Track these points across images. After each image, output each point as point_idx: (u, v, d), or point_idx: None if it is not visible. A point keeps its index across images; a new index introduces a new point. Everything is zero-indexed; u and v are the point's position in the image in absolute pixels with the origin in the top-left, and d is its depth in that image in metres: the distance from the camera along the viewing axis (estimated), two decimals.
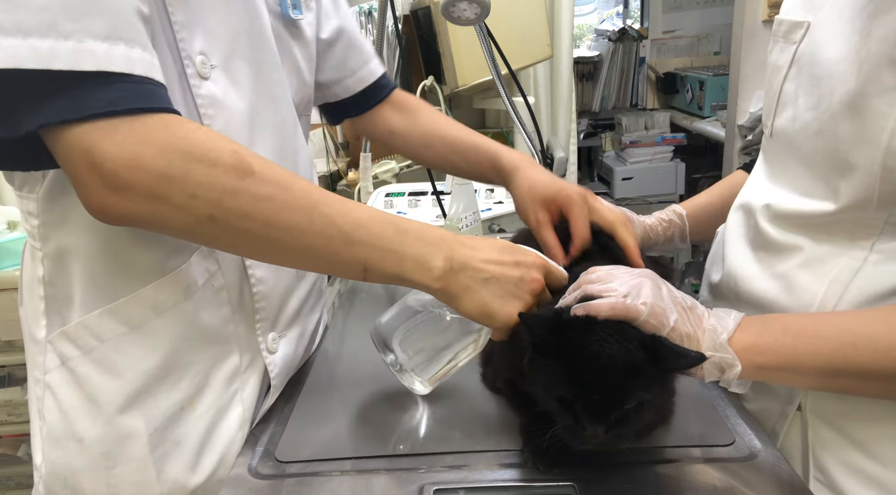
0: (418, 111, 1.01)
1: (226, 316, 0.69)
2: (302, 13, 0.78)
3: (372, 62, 0.97)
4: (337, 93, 0.95)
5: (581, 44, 3.83)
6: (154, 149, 0.52)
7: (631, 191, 3.19)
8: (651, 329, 0.57)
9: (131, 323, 0.64)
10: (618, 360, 0.54)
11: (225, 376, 0.70)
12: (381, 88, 0.99)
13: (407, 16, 1.97)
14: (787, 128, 0.67)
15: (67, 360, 0.64)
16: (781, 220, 0.69)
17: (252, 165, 0.55)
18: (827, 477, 0.64)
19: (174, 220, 0.54)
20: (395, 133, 1.00)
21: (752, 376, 0.59)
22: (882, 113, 0.55)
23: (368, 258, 0.59)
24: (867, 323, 0.57)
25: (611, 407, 0.54)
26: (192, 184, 0.53)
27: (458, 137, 0.97)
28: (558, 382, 0.55)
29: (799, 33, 0.65)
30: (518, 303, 0.62)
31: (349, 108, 0.99)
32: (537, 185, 0.82)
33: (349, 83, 0.95)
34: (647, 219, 0.96)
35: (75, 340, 0.64)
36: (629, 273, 0.62)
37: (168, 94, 0.55)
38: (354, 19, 0.98)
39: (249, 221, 0.55)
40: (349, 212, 0.59)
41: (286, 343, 0.78)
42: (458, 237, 0.64)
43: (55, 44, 0.48)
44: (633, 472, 0.61)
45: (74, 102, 0.49)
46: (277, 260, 0.63)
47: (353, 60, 0.94)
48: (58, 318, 0.65)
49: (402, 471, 0.63)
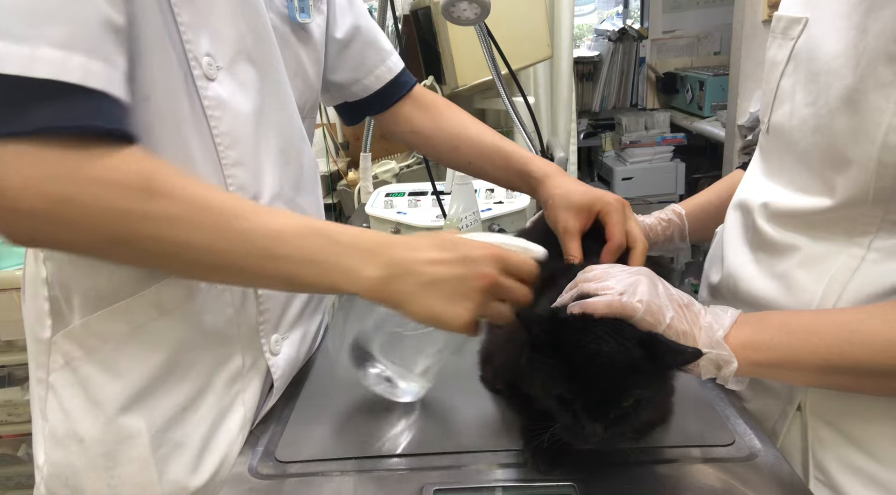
0: (442, 110, 0.99)
1: (229, 317, 0.69)
2: (310, 17, 0.77)
3: (390, 59, 0.95)
4: (356, 92, 0.94)
5: (581, 44, 3.83)
6: (60, 174, 0.50)
7: (631, 191, 3.19)
8: (647, 326, 0.57)
9: (134, 323, 0.64)
10: (616, 358, 0.54)
11: (227, 378, 0.70)
12: (402, 85, 0.96)
13: (407, 16, 1.97)
14: (784, 123, 0.67)
15: (71, 361, 0.64)
16: (779, 219, 0.69)
17: (164, 186, 0.53)
18: (827, 477, 0.64)
19: (76, 242, 0.53)
20: (419, 133, 0.98)
21: (749, 373, 0.59)
22: (878, 108, 0.55)
23: (290, 271, 0.57)
24: (864, 320, 0.57)
25: (610, 405, 0.54)
26: (99, 209, 0.51)
27: (486, 142, 0.95)
28: (557, 381, 0.56)
29: (797, 29, 0.65)
30: (466, 302, 0.58)
31: (369, 107, 0.97)
32: (573, 194, 0.81)
33: (367, 82, 0.93)
34: (647, 219, 0.96)
35: (79, 341, 0.64)
36: (626, 271, 0.62)
37: (125, 110, 0.53)
38: (369, 14, 0.95)
39: (161, 243, 0.54)
40: (269, 224, 0.57)
41: (289, 345, 0.77)
42: (397, 239, 0.61)
43: (8, 47, 0.46)
44: (634, 472, 0.61)
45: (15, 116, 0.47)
46: (197, 277, 0.63)
47: (370, 59, 0.92)
48: (62, 319, 0.65)
49: (402, 471, 0.63)
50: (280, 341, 0.75)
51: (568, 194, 0.81)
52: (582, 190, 0.81)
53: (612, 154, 3.40)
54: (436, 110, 0.99)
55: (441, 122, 0.98)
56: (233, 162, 0.66)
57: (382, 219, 1.45)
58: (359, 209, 1.68)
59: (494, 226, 1.41)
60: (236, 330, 0.70)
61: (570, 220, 0.79)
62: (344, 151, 2.34)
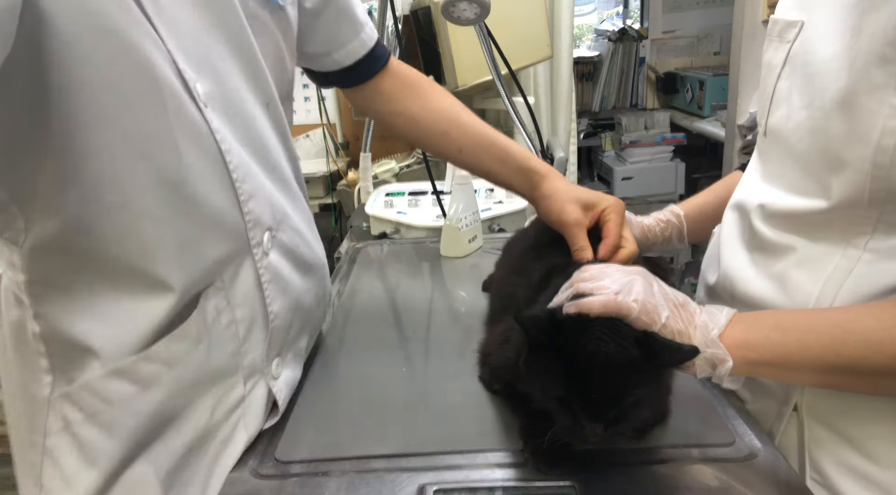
0: (428, 90, 0.91)
1: (233, 351, 0.66)
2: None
3: (364, 31, 0.87)
4: (325, 64, 0.87)
5: (581, 44, 3.83)
6: None
7: (631, 191, 3.19)
8: (643, 325, 0.57)
9: (143, 382, 0.59)
10: (614, 358, 0.54)
11: (228, 408, 0.67)
12: (376, 60, 0.89)
13: (407, 16, 1.97)
14: (780, 126, 0.67)
15: (70, 424, 0.59)
16: (775, 220, 0.69)
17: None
18: (823, 477, 0.64)
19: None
20: (402, 113, 0.90)
21: (744, 372, 0.59)
22: (872, 110, 0.55)
23: None
24: (858, 319, 0.57)
25: (609, 405, 0.54)
26: None
27: (482, 132, 0.89)
28: (555, 382, 0.56)
29: (793, 32, 0.66)
30: None
31: (340, 81, 0.90)
32: (578, 190, 0.81)
33: (338, 57, 0.86)
34: (645, 220, 0.96)
35: (79, 403, 0.58)
36: (621, 271, 0.62)
37: None
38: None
39: None
40: None
41: (289, 365, 0.76)
42: None
43: None
44: (633, 472, 0.61)
45: None
46: None
47: (343, 31, 0.85)
48: (63, 377, 0.59)
49: (402, 471, 0.63)
50: (280, 364, 0.73)
51: (573, 189, 0.82)
52: (582, 189, 0.82)
53: (611, 154, 3.40)
54: (420, 89, 0.91)
55: (428, 102, 0.90)
56: (248, 196, 0.63)
57: (382, 219, 1.45)
58: (359, 209, 1.68)
59: (494, 225, 1.41)
60: (240, 360, 0.67)
61: (578, 213, 0.78)
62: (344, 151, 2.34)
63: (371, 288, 1.15)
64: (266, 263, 0.67)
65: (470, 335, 0.89)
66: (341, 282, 1.17)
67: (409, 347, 0.91)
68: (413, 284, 1.17)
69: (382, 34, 1.68)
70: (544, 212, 0.83)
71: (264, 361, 0.70)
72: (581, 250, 0.76)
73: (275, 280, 0.69)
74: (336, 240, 2.06)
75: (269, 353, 0.70)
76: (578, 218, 0.78)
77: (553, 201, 0.81)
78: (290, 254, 0.73)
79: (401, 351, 0.90)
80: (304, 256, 0.76)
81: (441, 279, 1.19)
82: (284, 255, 0.71)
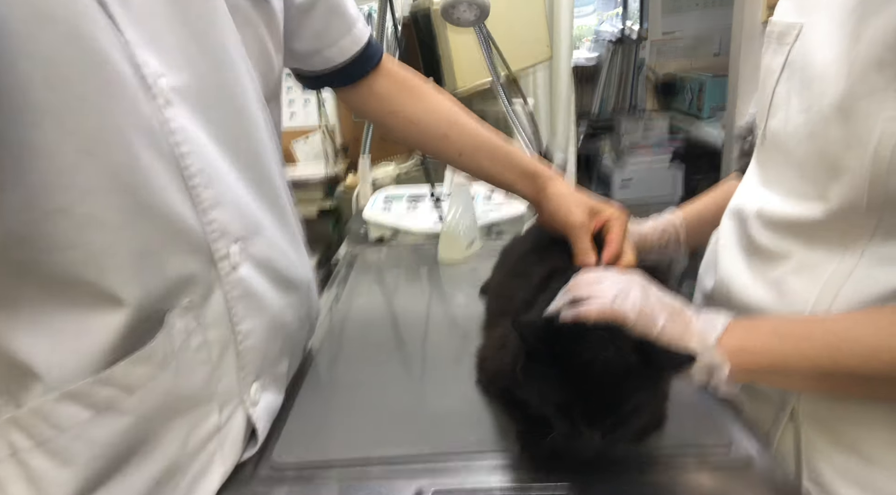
0: (426, 91, 0.89)
1: (205, 376, 0.60)
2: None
3: (356, 27, 0.84)
4: (315, 63, 0.84)
5: (580, 46, 3.83)
6: None
7: (630, 195, 3.19)
8: (639, 332, 0.57)
9: (99, 407, 0.52)
10: (611, 365, 0.54)
11: (202, 438, 0.61)
12: (369, 58, 0.86)
13: (406, 18, 1.98)
14: (779, 131, 0.67)
15: (18, 452, 0.52)
16: (773, 226, 0.69)
17: None
18: (820, 482, 0.64)
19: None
20: (399, 113, 0.88)
21: (741, 378, 0.59)
22: (870, 115, 0.55)
23: None
24: (855, 325, 0.57)
25: (606, 412, 0.54)
26: None
27: (484, 135, 0.87)
28: (553, 389, 0.56)
29: (791, 36, 0.66)
30: None
31: (331, 80, 0.87)
32: (582, 196, 0.81)
33: (329, 54, 0.83)
34: (643, 226, 0.96)
35: (27, 428, 0.51)
36: (618, 277, 0.62)
37: None
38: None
39: None
40: None
41: (269, 390, 0.70)
42: None
43: None
44: (631, 477, 0.61)
45: None
46: None
47: (334, 28, 0.82)
48: (10, 399, 0.53)
49: (400, 474, 0.63)
50: (259, 390, 0.67)
51: (579, 194, 0.82)
52: (585, 195, 0.82)
53: (611, 157, 3.40)
54: (419, 90, 0.89)
55: (426, 103, 0.88)
56: (212, 203, 0.58)
57: (381, 224, 1.45)
58: (357, 213, 1.68)
59: (492, 230, 1.41)
60: (213, 386, 0.61)
61: (584, 216, 0.78)
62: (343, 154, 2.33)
63: (369, 292, 1.15)
64: (235, 278, 0.62)
65: (468, 339, 0.89)
66: (339, 287, 1.17)
67: (407, 351, 0.91)
68: (411, 289, 1.16)
69: (382, 37, 1.68)
70: (550, 214, 0.83)
71: (240, 386, 0.64)
72: (585, 253, 0.76)
73: (245, 296, 0.63)
74: (334, 245, 2.07)
75: (245, 377, 0.65)
76: (584, 221, 0.78)
77: (560, 203, 0.81)
78: (266, 267, 0.67)
79: (398, 354, 0.90)
80: (283, 270, 0.71)
81: (439, 283, 1.19)
82: (258, 269, 0.65)
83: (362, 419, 0.73)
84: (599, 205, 0.81)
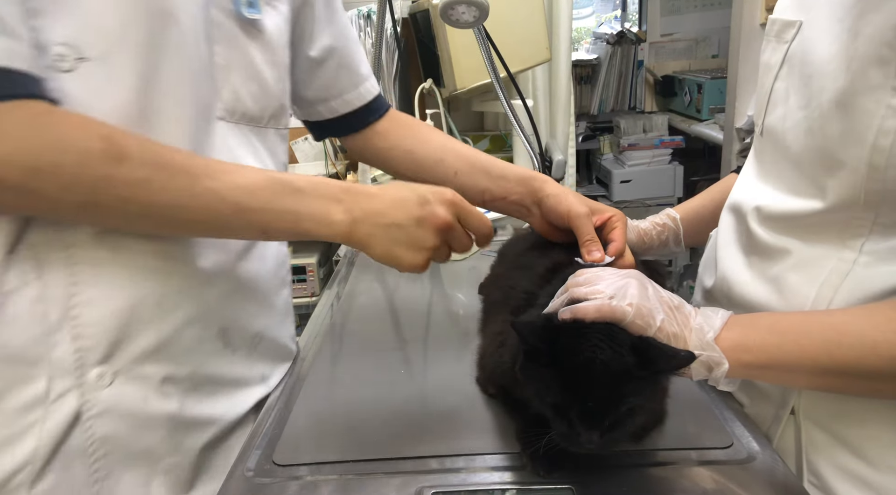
0: (422, 128, 0.96)
1: (36, 335, 0.58)
2: (259, 12, 0.70)
3: (363, 85, 0.91)
4: (321, 112, 0.91)
5: (579, 47, 3.83)
6: (20, 143, 0.50)
7: (629, 194, 3.19)
8: (638, 329, 0.57)
9: None
10: (610, 366, 0.54)
11: (21, 403, 0.59)
12: (373, 112, 0.93)
13: (405, 19, 1.98)
14: (777, 127, 0.67)
15: None
16: (772, 222, 0.69)
17: (126, 149, 0.54)
18: (820, 481, 0.64)
19: (51, 210, 0.55)
20: (397, 147, 0.93)
21: (740, 374, 0.59)
22: (869, 111, 0.55)
23: (263, 221, 0.61)
24: (853, 321, 0.57)
25: (605, 413, 0.54)
26: (65, 176, 0.52)
27: (478, 155, 0.92)
28: (551, 389, 0.56)
29: (791, 32, 0.66)
30: (421, 247, 0.63)
31: (334, 130, 0.94)
32: (580, 195, 0.82)
33: (335, 104, 0.90)
34: (642, 224, 0.96)
35: None
36: (616, 274, 0.62)
37: (38, 81, 0.53)
38: (353, 31, 0.91)
39: (129, 204, 0.56)
40: (237, 180, 0.60)
41: (133, 384, 0.64)
42: (361, 187, 0.65)
43: None
44: (632, 475, 0.62)
45: None
46: (167, 233, 0.63)
47: (342, 82, 0.89)
48: None
49: (400, 474, 0.63)
50: (108, 376, 0.62)
51: (576, 193, 0.83)
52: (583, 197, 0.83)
53: (610, 157, 3.40)
54: (416, 127, 0.97)
55: (422, 135, 0.95)
56: None
57: None
58: None
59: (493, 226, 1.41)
60: (45, 351, 0.59)
61: (586, 209, 0.79)
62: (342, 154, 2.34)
63: (369, 291, 1.15)
64: None
65: (468, 337, 0.89)
66: (340, 286, 1.17)
67: (408, 350, 0.91)
68: (411, 287, 1.17)
69: (381, 37, 1.69)
70: (552, 208, 0.83)
71: (74, 361, 0.60)
72: (591, 241, 0.76)
73: None
74: (334, 244, 2.07)
75: (83, 355, 0.61)
76: (588, 211, 0.79)
77: (560, 199, 0.82)
78: None
79: (399, 353, 0.90)
80: None
81: (439, 282, 1.19)
82: None
83: (363, 418, 0.73)
84: (599, 206, 0.82)
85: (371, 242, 0.63)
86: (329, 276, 1.25)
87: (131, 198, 0.55)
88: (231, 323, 0.73)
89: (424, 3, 1.81)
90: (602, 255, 0.74)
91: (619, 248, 0.76)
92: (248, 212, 0.60)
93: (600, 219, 0.80)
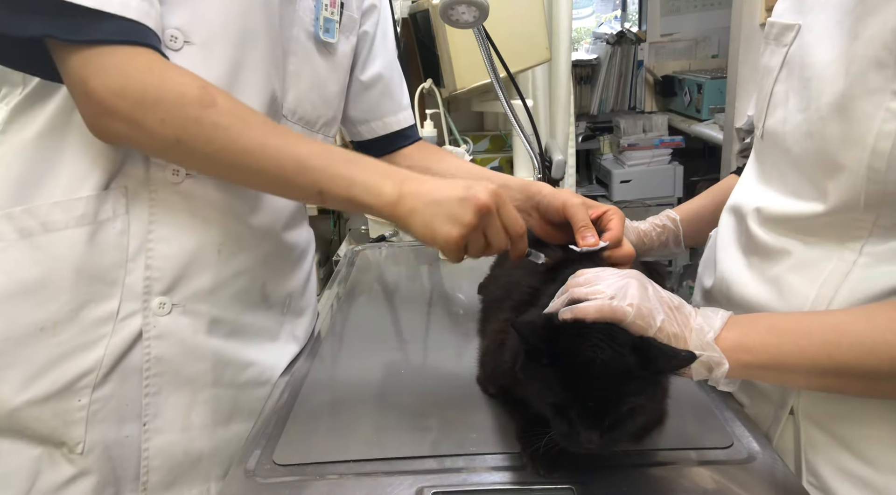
0: (443, 154, 1.07)
1: (117, 261, 0.70)
2: (334, 37, 0.84)
3: (402, 113, 1.03)
4: (361, 132, 1.02)
5: (579, 47, 3.83)
6: (133, 81, 0.62)
7: (629, 194, 3.19)
8: (638, 330, 0.57)
9: (23, 232, 0.67)
10: (611, 366, 0.54)
11: (97, 316, 0.69)
12: (404, 137, 1.04)
13: (405, 19, 1.98)
14: (777, 129, 0.68)
15: None
16: (772, 223, 0.69)
17: (215, 99, 0.64)
18: (819, 481, 0.65)
19: (150, 141, 0.65)
20: (415, 166, 1.01)
21: (740, 374, 0.59)
22: (868, 114, 0.55)
23: (320, 181, 0.67)
24: (852, 322, 0.57)
25: (605, 413, 0.54)
26: (162, 111, 0.63)
27: (483, 170, 1.01)
28: (552, 389, 0.56)
29: (790, 36, 0.66)
30: (460, 222, 0.66)
31: (369, 149, 1.03)
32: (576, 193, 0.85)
33: (375, 126, 1.01)
34: (641, 225, 0.96)
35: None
36: (616, 274, 0.62)
37: (159, 39, 0.65)
38: (398, 65, 1.04)
39: (210, 145, 0.65)
40: (302, 144, 0.68)
41: (187, 317, 0.73)
42: (410, 172, 0.70)
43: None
44: (632, 475, 0.62)
45: (74, 26, 0.60)
46: (237, 180, 0.71)
47: (384, 107, 1.00)
48: None
49: (400, 474, 0.63)
50: (168, 306, 0.72)
51: (573, 191, 0.86)
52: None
53: (610, 157, 3.40)
54: (439, 152, 1.08)
55: (442, 155, 1.05)
56: None
57: (382, 222, 1.45)
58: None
59: None
60: (122, 274, 0.70)
61: (577, 198, 0.81)
62: None
63: (370, 290, 1.15)
64: None
65: (468, 337, 0.89)
66: (340, 285, 1.17)
67: (408, 349, 0.91)
68: (411, 287, 1.17)
69: None
70: (548, 204, 0.84)
71: (143, 287, 0.71)
72: (585, 227, 0.77)
73: None
74: (335, 243, 2.06)
75: (150, 284, 0.71)
76: (582, 201, 0.81)
77: (556, 196, 0.84)
78: None
79: (399, 353, 0.90)
80: None
81: (439, 281, 1.19)
82: None
83: (363, 418, 0.73)
84: (596, 203, 0.83)
85: (413, 218, 0.67)
86: (329, 276, 1.25)
87: (213, 138, 0.64)
88: (270, 280, 0.83)
89: (424, 3, 1.81)
90: (596, 240, 0.74)
91: (615, 236, 0.76)
92: (308, 170, 0.66)
93: (596, 212, 0.80)
